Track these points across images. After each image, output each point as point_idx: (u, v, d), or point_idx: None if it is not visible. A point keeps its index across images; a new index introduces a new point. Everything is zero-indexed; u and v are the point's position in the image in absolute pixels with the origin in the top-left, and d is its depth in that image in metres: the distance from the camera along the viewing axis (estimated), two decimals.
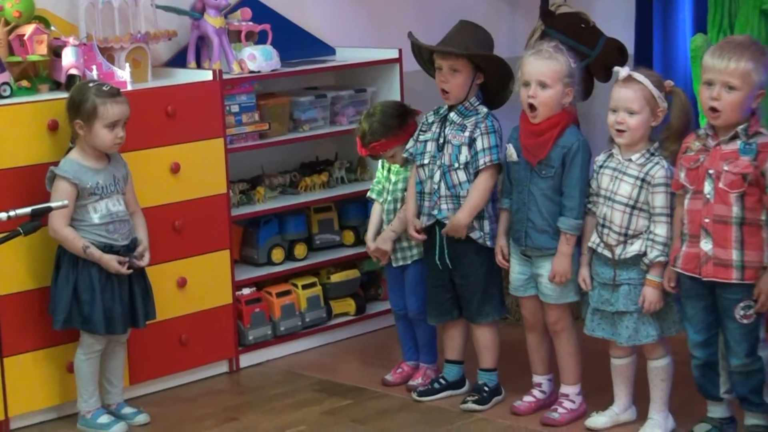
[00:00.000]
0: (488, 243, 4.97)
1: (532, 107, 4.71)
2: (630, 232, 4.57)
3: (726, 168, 4.33)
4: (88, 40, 5.15)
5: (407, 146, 5.09)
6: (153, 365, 5.24)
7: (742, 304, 4.40)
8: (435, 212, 4.96)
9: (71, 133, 4.78)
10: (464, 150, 4.91)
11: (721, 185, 4.34)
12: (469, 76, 4.92)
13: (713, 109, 4.32)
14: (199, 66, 5.51)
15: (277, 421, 5.01)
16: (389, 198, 5.23)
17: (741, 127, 4.34)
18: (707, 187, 4.37)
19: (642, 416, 4.77)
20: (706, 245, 4.39)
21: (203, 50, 5.52)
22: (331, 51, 6.01)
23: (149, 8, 5.36)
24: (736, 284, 4.38)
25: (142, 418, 4.98)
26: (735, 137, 4.35)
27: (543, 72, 4.71)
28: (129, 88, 5.07)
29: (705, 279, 4.41)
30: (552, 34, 5.76)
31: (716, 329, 4.52)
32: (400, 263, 5.24)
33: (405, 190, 5.15)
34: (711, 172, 4.36)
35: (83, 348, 4.85)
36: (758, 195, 4.33)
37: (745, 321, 4.42)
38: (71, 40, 5.05)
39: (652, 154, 4.57)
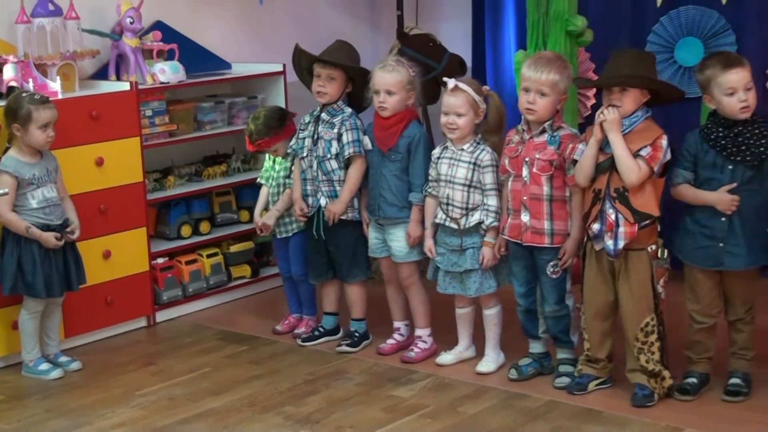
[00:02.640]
0: (353, 216, 5.00)
1: (383, 110, 4.79)
2: (470, 206, 4.62)
3: (538, 156, 4.43)
4: (25, 58, 5.08)
5: (290, 144, 5.11)
6: (84, 321, 5.19)
7: (551, 263, 4.50)
8: (319, 196, 4.97)
9: (9, 135, 4.73)
10: (334, 143, 4.93)
11: (534, 170, 4.43)
12: (342, 84, 4.95)
13: (530, 110, 4.42)
14: (118, 78, 5.46)
15: (187, 364, 5.01)
16: (274, 183, 5.25)
17: (547, 123, 4.43)
18: (524, 172, 4.46)
19: (480, 353, 4.83)
20: (525, 217, 4.47)
21: (122, 66, 5.46)
22: (227, 65, 5.98)
23: (76, 31, 5.30)
24: (548, 247, 4.48)
25: (75, 365, 4.94)
26: (543, 131, 4.45)
27: (388, 82, 4.77)
28: (60, 97, 5.02)
29: (525, 244, 4.50)
30: (406, 51, 5.79)
31: (534, 283, 4.60)
32: (284, 235, 5.25)
33: (286, 177, 5.17)
34: (527, 159, 4.45)
35: (26, 309, 4.81)
36: (562, 177, 4.43)
37: (554, 276, 4.52)
38: (11, 58, 4.99)
39: (478, 143, 4.64)
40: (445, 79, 4.67)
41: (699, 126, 4.39)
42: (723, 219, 4.27)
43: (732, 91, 4.21)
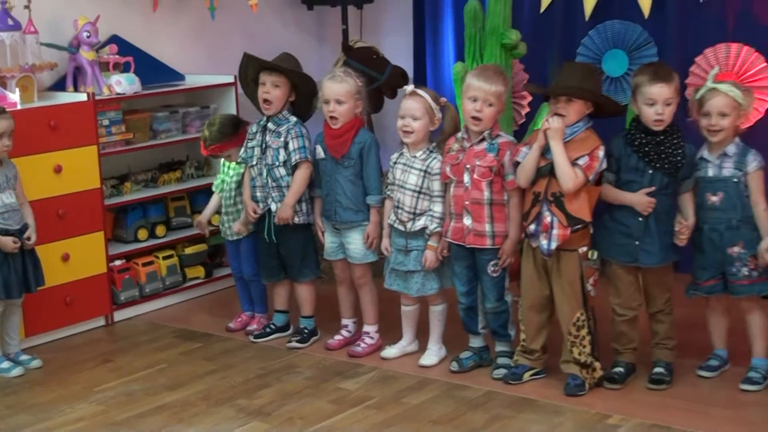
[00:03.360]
0: (302, 220, 4.99)
1: (333, 119, 4.78)
2: (417, 211, 4.63)
3: (478, 163, 4.44)
4: None
5: (240, 153, 5.09)
6: (44, 321, 5.13)
7: (492, 262, 4.51)
8: (269, 202, 4.96)
9: None
10: (282, 152, 4.92)
11: (475, 176, 4.45)
12: (286, 92, 4.94)
13: (476, 119, 4.43)
14: (76, 90, 5.39)
15: (144, 361, 4.98)
16: (227, 188, 5.23)
17: (487, 132, 4.46)
18: (466, 178, 4.47)
19: (422, 347, 4.84)
20: (467, 221, 4.49)
21: (79, 78, 5.41)
22: (181, 77, 5.95)
23: (35, 45, 5.24)
24: (489, 248, 4.49)
25: (35, 363, 4.88)
26: (483, 140, 4.46)
27: (338, 92, 4.77)
28: (19, 107, 4.94)
29: (467, 246, 4.52)
30: (351, 63, 5.79)
31: (476, 282, 4.62)
32: (236, 237, 5.22)
33: (239, 182, 5.15)
34: (468, 166, 4.46)
35: None
36: (501, 182, 4.45)
37: (494, 275, 4.54)
38: None
39: (431, 152, 4.64)
40: (406, 86, 4.68)
41: (624, 130, 4.44)
42: (640, 219, 4.34)
43: (652, 102, 4.28)
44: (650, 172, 4.32)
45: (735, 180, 4.28)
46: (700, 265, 4.41)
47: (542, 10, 6.08)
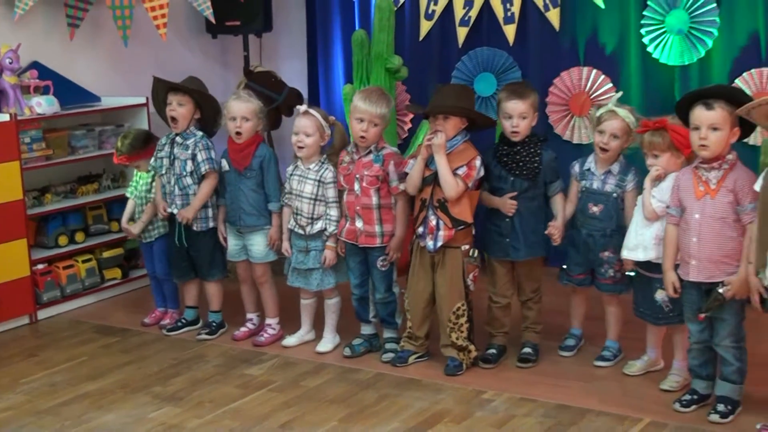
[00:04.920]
0: (211, 225, 4.96)
1: (238, 134, 4.76)
2: (315, 216, 4.63)
3: (366, 173, 4.48)
4: None
5: (150, 162, 5.03)
6: None
7: (381, 258, 4.55)
8: (173, 208, 4.92)
9: None
10: (189, 163, 4.88)
11: (364, 184, 4.48)
12: (191, 110, 4.90)
13: (363, 138, 4.46)
14: None
15: (66, 355, 4.88)
16: (138, 195, 5.16)
17: (373, 146, 4.49)
18: (356, 186, 4.50)
19: (319, 336, 4.84)
20: (359, 224, 4.51)
21: (2, 100, 5.25)
22: (97, 98, 5.82)
23: None
24: (378, 246, 4.53)
25: None
26: (369, 152, 4.50)
27: (244, 110, 4.75)
28: None
29: (360, 245, 4.55)
30: (252, 85, 5.77)
31: (367, 276, 4.64)
32: (149, 240, 5.15)
33: (148, 191, 5.10)
34: (358, 176, 4.49)
35: None
36: (387, 188, 4.49)
37: (383, 269, 4.57)
38: None
39: (323, 163, 4.64)
40: (299, 106, 4.67)
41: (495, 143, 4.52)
42: (507, 220, 4.43)
43: (509, 116, 4.37)
44: (511, 179, 4.40)
45: (615, 195, 4.32)
46: (575, 261, 4.48)
47: (421, 38, 6.14)
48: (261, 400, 4.25)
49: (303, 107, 4.64)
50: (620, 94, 4.57)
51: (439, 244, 4.33)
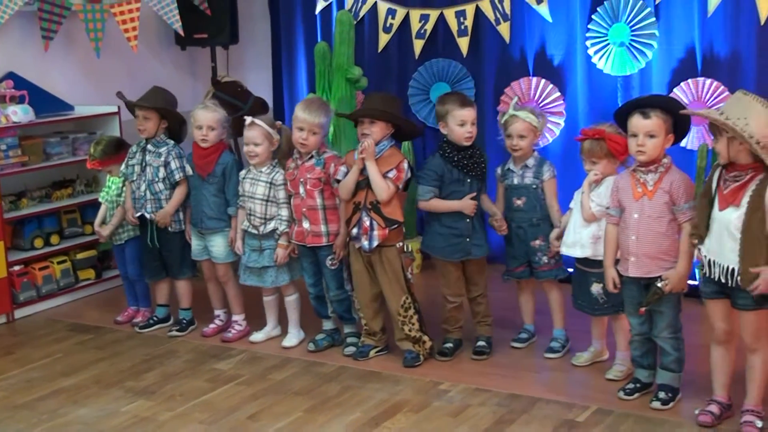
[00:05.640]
0: (184, 226, 4.93)
1: (204, 141, 4.74)
2: (267, 217, 4.62)
3: (309, 176, 4.48)
4: None
5: (121, 169, 5.01)
6: None
7: (329, 257, 4.54)
8: (143, 211, 4.89)
9: None
10: (161, 169, 4.86)
11: (308, 187, 4.48)
12: (156, 122, 4.89)
13: (303, 144, 4.46)
14: None
15: (42, 352, 4.83)
16: (110, 199, 5.13)
17: (315, 150, 4.49)
18: (301, 190, 4.50)
19: (284, 332, 4.83)
20: (306, 225, 4.51)
21: None
22: (71, 107, 5.76)
23: None
24: (326, 245, 4.52)
25: None
26: (312, 157, 4.50)
27: (210, 119, 4.74)
28: None
29: (309, 245, 4.54)
30: (219, 95, 5.74)
31: (320, 275, 4.63)
32: (120, 242, 5.12)
33: (118, 195, 5.07)
34: (302, 180, 4.49)
35: None
36: (330, 190, 4.49)
37: (332, 267, 4.56)
38: None
39: (274, 167, 4.64)
40: (246, 117, 4.66)
41: (438, 151, 4.47)
42: (467, 220, 4.42)
43: (463, 123, 4.38)
44: (468, 180, 4.42)
45: (534, 187, 4.42)
46: (511, 255, 4.53)
47: (380, 50, 6.15)
48: (229, 393, 4.23)
49: (248, 120, 4.64)
50: (516, 98, 4.66)
51: (375, 243, 4.34)
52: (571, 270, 4.41)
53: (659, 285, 3.81)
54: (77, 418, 4.03)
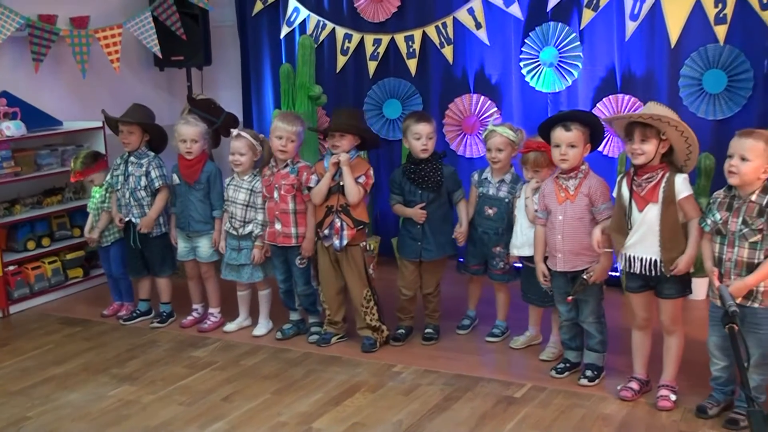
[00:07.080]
0: (164, 230, 4.90)
1: (189, 153, 4.71)
2: (247, 220, 4.61)
3: (283, 182, 4.48)
4: None
5: (107, 179, 4.95)
6: None
7: (298, 256, 4.54)
8: (130, 217, 4.86)
9: None
10: (143, 178, 4.82)
11: (282, 192, 4.47)
12: (139, 136, 4.85)
13: (283, 151, 4.45)
14: None
15: (35, 343, 4.78)
16: (94, 207, 5.08)
17: (290, 160, 4.48)
18: (275, 195, 4.49)
19: (254, 322, 4.82)
20: (278, 227, 4.51)
21: None
22: (59, 123, 5.70)
23: None
24: (295, 246, 4.51)
25: None
26: (287, 165, 4.49)
27: (193, 133, 4.72)
28: None
29: (280, 245, 4.53)
30: (194, 111, 5.68)
31: (290, 272, 4.62)
32: (106, 244, 5.07)
33: (102, 202, 5.02)
34: (277, 186, 4.48)
35: None
36: (301, 196, 4.49)
37: (301, 266, 4.56)
38: None
39: (255, 175, 4.62)
40: (233, 129, 4.65)
41: (402, 163, 4.54)
42: (419, 226, 4.44)
43: (418, 137, 4.39)
44: (419, 191, 4.43)
45: (507, 201, 4.37)
46: (472, 254, 4.52)
47: (338, 70, 6.15)
48: (206, 378, 4.22)
49: (235, 131, 4.62)
50: (495, 117, 4.68)
51: (345, 242, 4.35)
52: (519, 266, 4.40)
53: (584, 277, 3.87)
54: (68, 403, 3.99)
